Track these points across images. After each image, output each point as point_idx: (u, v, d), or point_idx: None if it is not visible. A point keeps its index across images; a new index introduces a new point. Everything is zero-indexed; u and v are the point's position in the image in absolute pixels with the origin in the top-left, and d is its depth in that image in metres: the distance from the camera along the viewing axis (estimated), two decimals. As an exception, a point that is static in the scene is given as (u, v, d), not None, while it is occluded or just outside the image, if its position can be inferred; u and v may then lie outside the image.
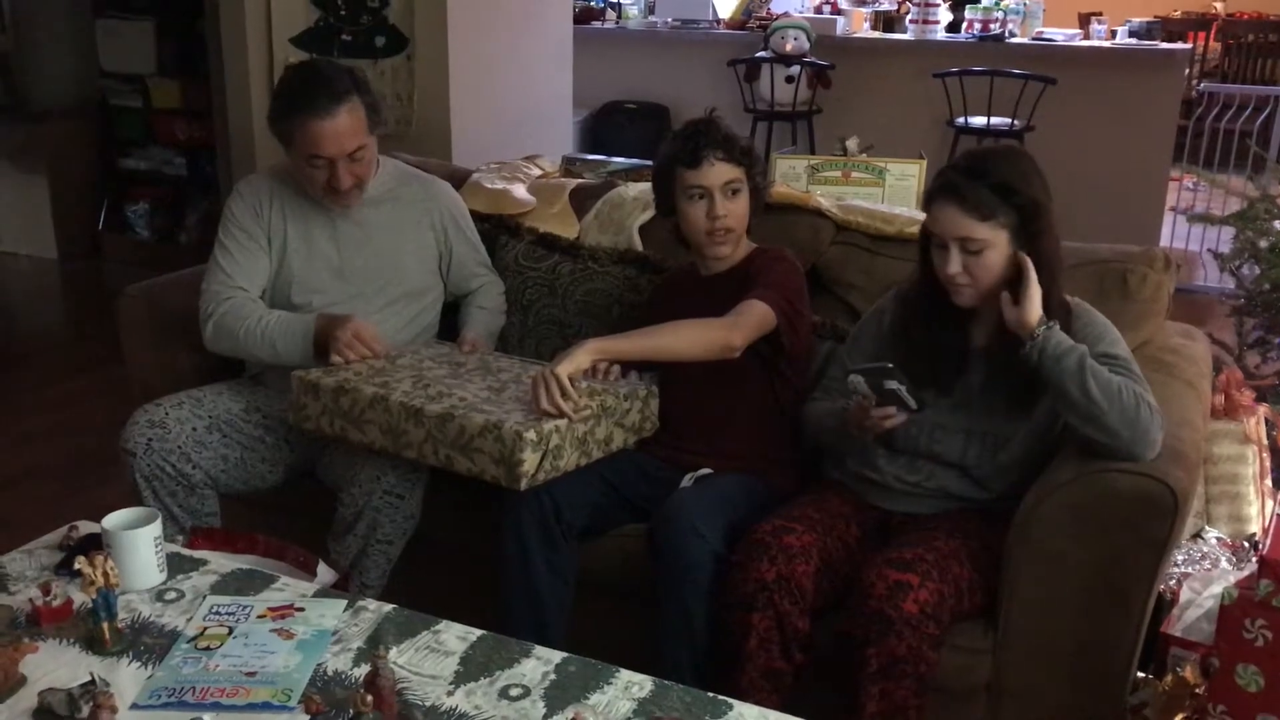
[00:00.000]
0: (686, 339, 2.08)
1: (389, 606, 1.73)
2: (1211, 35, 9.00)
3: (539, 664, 1.58)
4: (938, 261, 1.95)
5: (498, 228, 2.72)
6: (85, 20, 5.64)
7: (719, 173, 2.18)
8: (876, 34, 6.56)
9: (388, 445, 2.05)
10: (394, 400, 2.02)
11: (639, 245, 2.63)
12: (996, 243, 1.90)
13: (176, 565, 1.83)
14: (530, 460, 1.90)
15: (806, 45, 5.93)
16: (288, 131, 2.25)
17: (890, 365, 1.90)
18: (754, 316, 2.10)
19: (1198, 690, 1.89)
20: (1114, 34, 6.16)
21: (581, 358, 2.00)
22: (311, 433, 2.17)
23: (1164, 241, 5.55)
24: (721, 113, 2.30)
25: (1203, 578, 2.26)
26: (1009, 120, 5.45)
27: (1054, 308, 1.93)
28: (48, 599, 1.68)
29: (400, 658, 1.59)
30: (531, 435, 1.90)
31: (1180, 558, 2.35)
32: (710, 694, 1.53)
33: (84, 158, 5.77)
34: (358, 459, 2.16)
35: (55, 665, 1.57)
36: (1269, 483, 2.59)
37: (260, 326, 2.28)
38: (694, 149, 2.18)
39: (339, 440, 2.13)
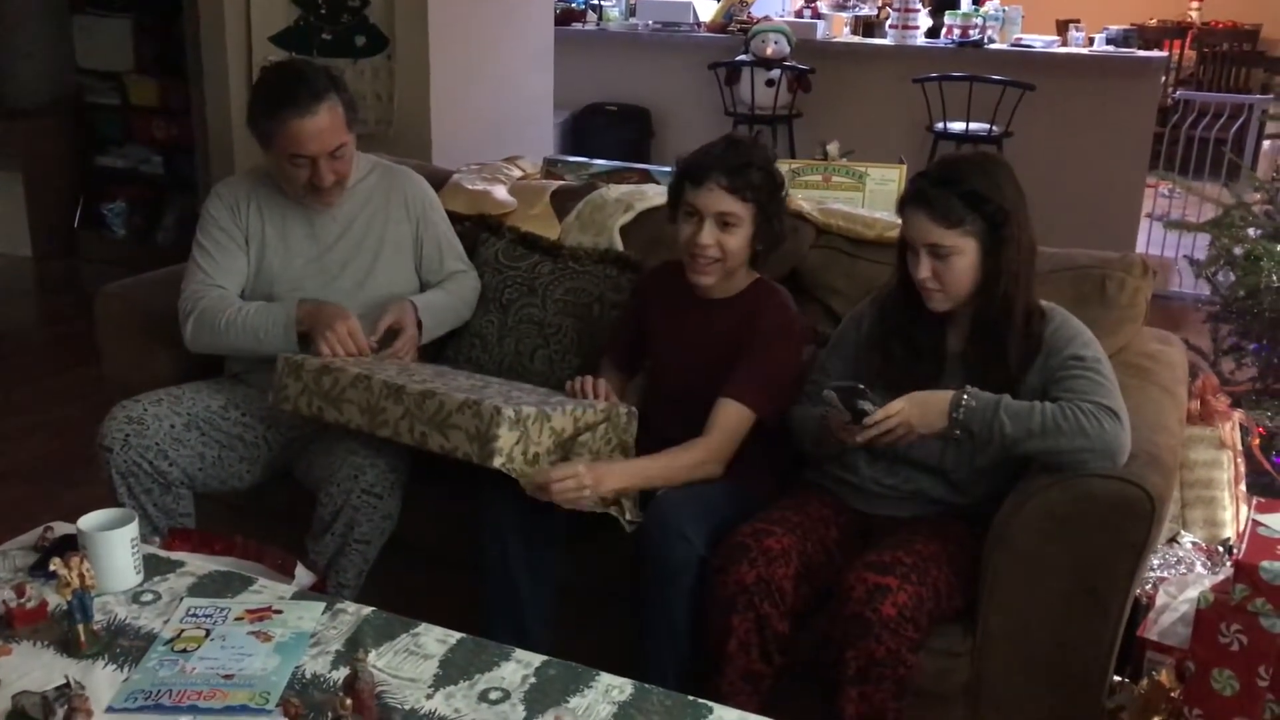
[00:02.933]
0: (677, 476, 2.07)
1: (368, 609, 1.72)
2: (1187, 43, 9.08)
3: (519, 667, 1.58)
4: (910, 266, 1.97)
5: (479, 225, 2.71)
6: (62, 16, 5.58)
7: (716, 199, 2.09)
8: (857, 39, 6.58)
9: (364, 424, 2.05)
10: (377, 379, 2.04)
11: (620, 246, 2.63)
12: (964, 249, 1.91)
13: (153, 567, 1.82)
14: (505, 438, 1.91)
15: (787, 49, 5.94)
16: (268, 131, 2.24)
17: (862, 386, 1.92)
18: (732, 430, 2.10)
19: (1174, 694, 1.90)
20: (1091, 41, 6.21)
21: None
22: (289, 414, 2.16)
23: (1141, 247, 5.59)
24: (699, 115, 2.26)
25: (1178, 582, 2.28)
26: (988, 126, 5.48)
27: (1019, 313, 1.95)
28: (22, 601, 1.66)
29: (379, 661, 1.58)
30: (510, 413, 1.91)
31: (1156, 562, 2.36)
32: (690, 697, 1.53)
33: (60, 155, 5.71)
34: (336, 458, 2.15)
35: (29, 668, 1.56)
36: (1244, 487, 2.61)
37: (240, 317, 2.27)
38: (702, 166, 2.11)
39: (315, 421, 2.13)
